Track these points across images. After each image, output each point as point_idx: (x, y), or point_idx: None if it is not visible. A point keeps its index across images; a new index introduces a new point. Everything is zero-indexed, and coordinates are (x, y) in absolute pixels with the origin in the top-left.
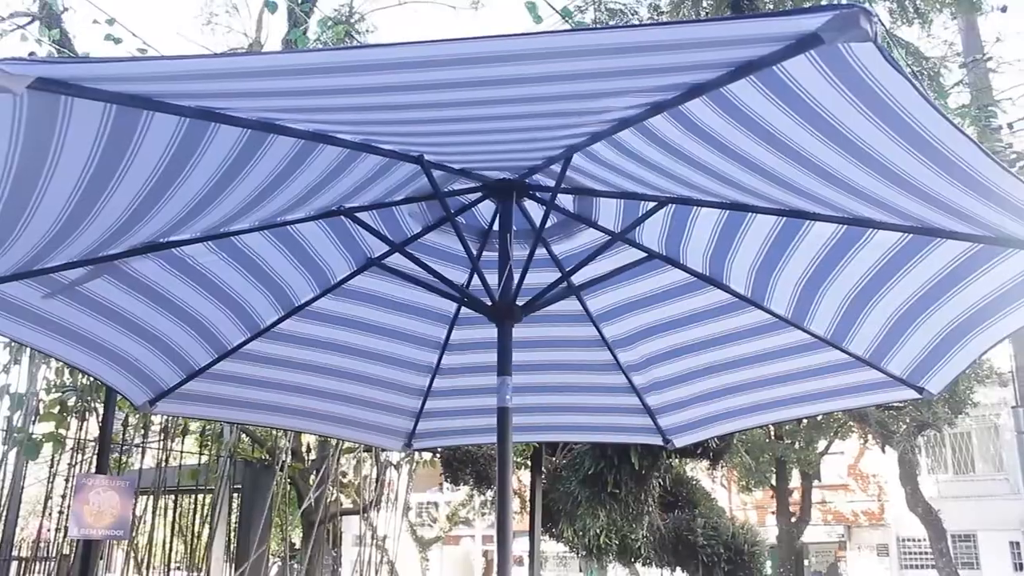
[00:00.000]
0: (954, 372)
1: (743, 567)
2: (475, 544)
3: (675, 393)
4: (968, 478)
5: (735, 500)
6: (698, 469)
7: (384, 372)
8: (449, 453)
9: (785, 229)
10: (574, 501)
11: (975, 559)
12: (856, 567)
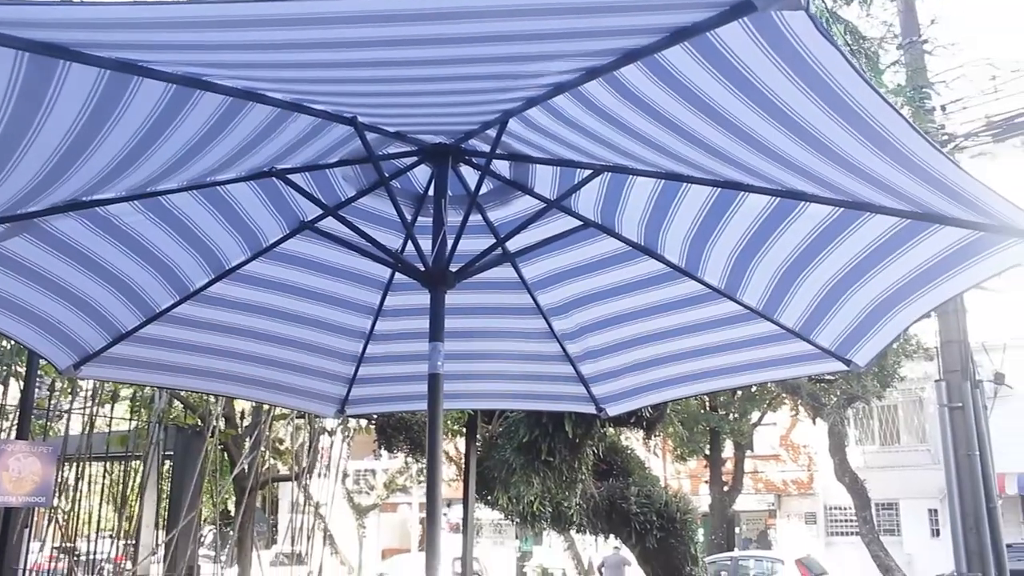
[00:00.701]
0: (880, 345)
1: (675, 534)
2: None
3: (609, 362)
4: (893, 449)
5: (670, 469)
6: (633, 438)
7: (317, 337)
8: (383, 420)
9: (719, 200)
10: (509, 469)
11: (897, 526)
12: (785, 534)
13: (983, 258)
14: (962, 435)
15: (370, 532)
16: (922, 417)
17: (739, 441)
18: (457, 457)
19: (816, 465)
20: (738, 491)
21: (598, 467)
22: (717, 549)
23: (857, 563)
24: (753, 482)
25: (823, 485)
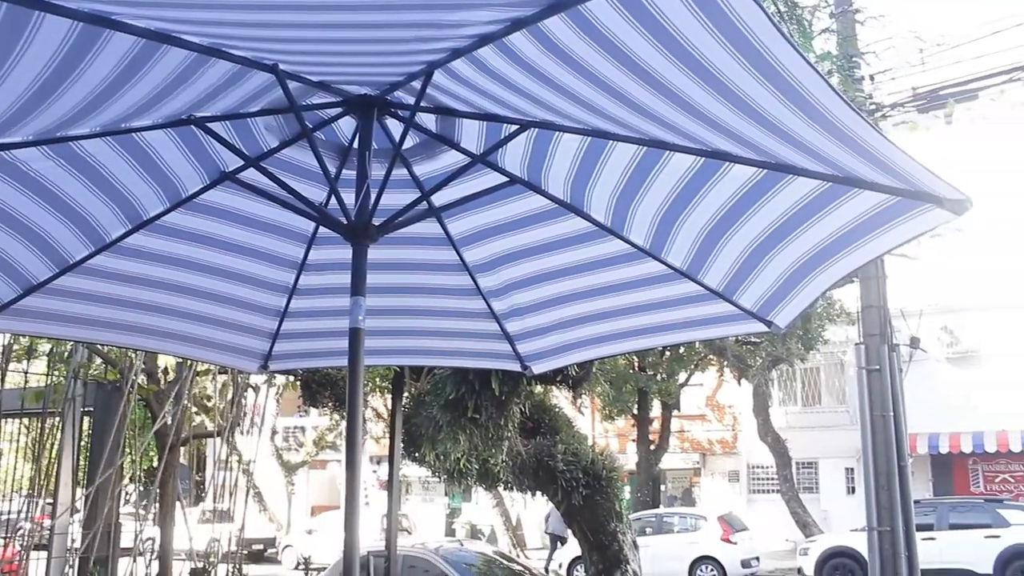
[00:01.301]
0: (800, 307)
1: (600, 492)
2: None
3: (534, 320)
4: (814, 410)
5: (598, 428)
6: (562, 397)
7: (239, 291)
8: (308, 376)
9: (644, 159)
10: (436, 426)
11: (816, 484)
12: (709, 492)
13: (899, 223)
14: (878, 397)
15: (299, 489)
16: (843, 379)
17: (666, 401)
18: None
19: (740, 425)
20: (664, 450)
21: (525, 425)
22: (643, 506)
23: (777, 519)
24: (679, 441)
25: (746, 444)
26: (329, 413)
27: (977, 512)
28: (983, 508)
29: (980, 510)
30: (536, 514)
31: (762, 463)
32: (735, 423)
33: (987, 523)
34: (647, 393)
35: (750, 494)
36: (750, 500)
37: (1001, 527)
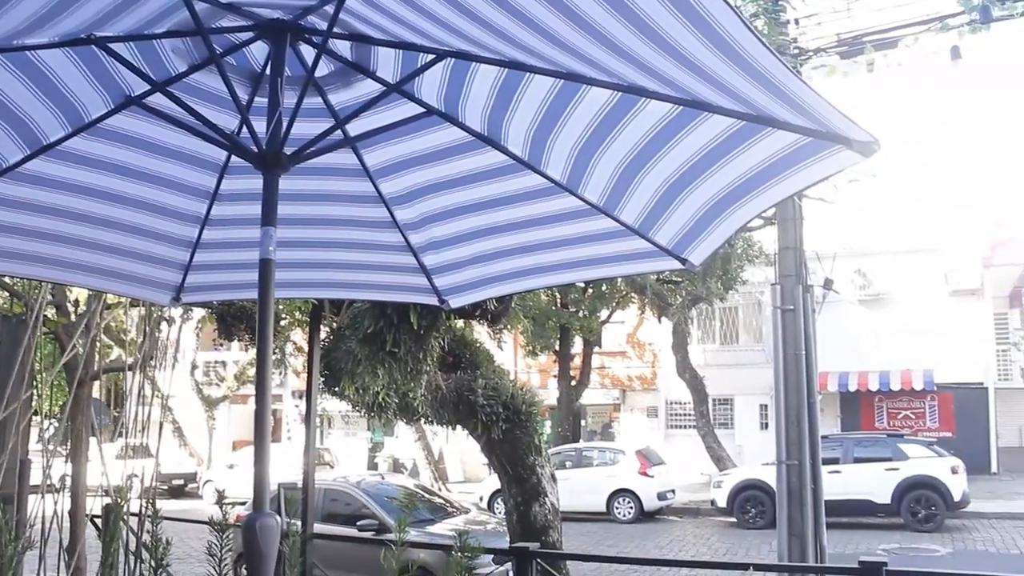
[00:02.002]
0: (714, 245)
1: (520, 426)
2: None
3: (451, 254)
4: (732, 348)
5: (520, 364)
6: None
7: (149, 221)
8: (223, 308)
9: (562, 93)
10: (355, 360)
11: (731, 420)
12: (628, 427)
13: (810, 164)
14: (791, 336)
15: (220, 424)
16: (760, 319)
17: (588, 338)
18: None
19: (659, 362)
20: (585, 385)
21: (445, 360)
22: (563, 441)
23: (693, 454)
24: (600, 377)
25: (665, 381)
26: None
27: (880, 446)
28: (885, 443)
29: (883, 445)
30: (458, 448)
31: (680, 399)
32: (654, 360)
33: (888, 457)
34: (569, 330)
35: (668, 429)
36: (668, 435)
37: (901, 460)
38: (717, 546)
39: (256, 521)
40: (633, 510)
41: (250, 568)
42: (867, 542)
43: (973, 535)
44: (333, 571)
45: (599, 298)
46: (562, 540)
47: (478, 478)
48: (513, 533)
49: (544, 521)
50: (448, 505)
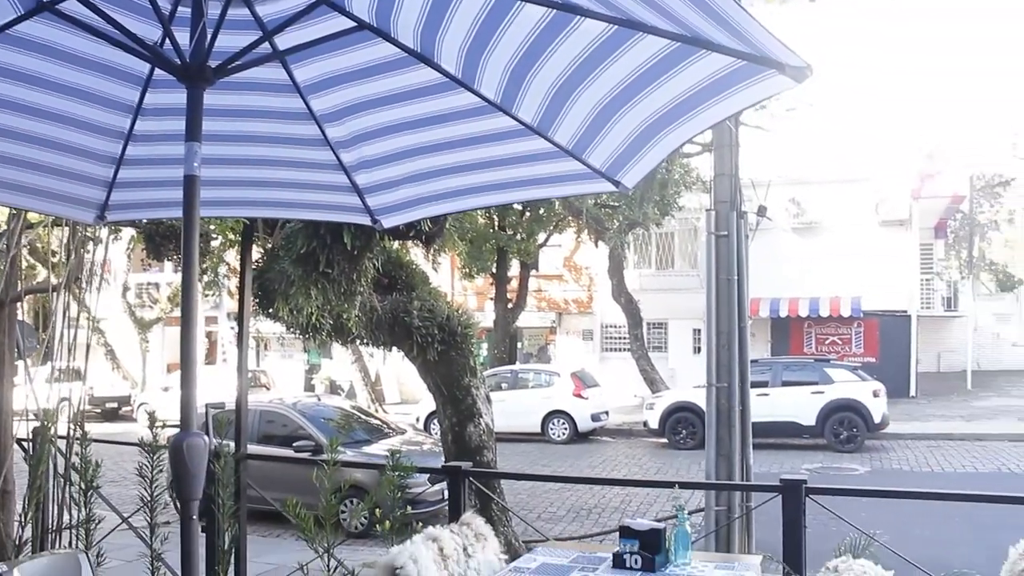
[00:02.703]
0: (647, 168)
1: (455, 347)
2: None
3: (384, 173)
4: (667, 273)
5: (457, 286)
6: (418, 254)
7: (69, 136)
8: (151, 227)
9: (495, 9)
10: (288, 281)
11: (664, 343)
12: (563, 350)
13: (743, 88)
14: (724, 261)
15: (154, 347)
16: (695, 245)
17: (525, 261)
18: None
19: (595, 286)
20: (521, 308)
21: (380, 281)
22: (499, 363)
23: (627, 376)
24: (536, 300)
25: (601, 305)
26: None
27: (807, 371)
28: (812, 367)
29: (810, 369)
30: (394, 370)
31: (615, 323)
32: (591, 284)
33: (815, 381)
34: (506, 252)
35: (603, 352)
36: (602, 358)
37: (826, 384)
38: (648, 466)
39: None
40: (567, 431)
41: (179, 487)
42: (791, 462)
43: (890, 455)
44: (270, 492)
45: (536, 221)
46: (497, 460)
47: (415, 400)
48: (448, 453)
49: (479, 441)
50: (384, 426)
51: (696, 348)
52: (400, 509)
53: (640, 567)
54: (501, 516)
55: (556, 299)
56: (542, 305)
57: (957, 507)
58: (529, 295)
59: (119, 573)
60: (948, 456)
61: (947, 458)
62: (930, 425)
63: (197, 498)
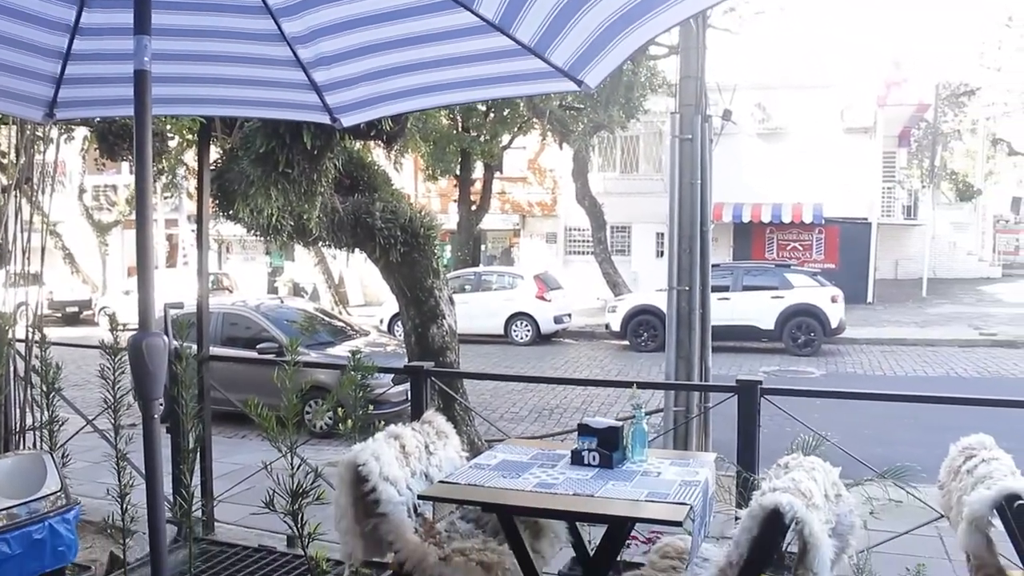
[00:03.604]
0: (610, 67)
1: (418, 249)
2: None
3: (342, 70)
4: (631, 176)
5: (420, 188)
6: (381, 155)
7: (12, 28)
8: (104, 126)
9: None
10: (248, 181)
11: (628, 247)
12: (527, 252)
13: None
14: (688, 164)
15: (114, 250)
16: (660, 148)
17: (489, 162)
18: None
19: (560, 188)
20: (485, 210)
21: (342, 182)
22: (463, 265)
23: (590, 279)
24: (500, 202)
25: (565, 207)
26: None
27: (768, 276)
28: (773, 272)
29: (770, 274)
30: (358, 272)
31: (579, 226)
32: (555, 186)
33: (775, 286)
34: (470, 154)
35: (566, 255)
36: (566, 261)
37: (786, 289)
38: (609, 367)
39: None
40: (530, 333)
41: (139, 387)
42: (750, 364)
43: (845, 359)
44: (234, 394)
45: (500, 123)
46: (459, 361)
47: (378, 302)
48: (411, 354)
49: (442, 343)
50: (348, 328)
51: (659, 252)
52: (363, 409)
53: (598, 464)
54: (464, 416)
55: (520, 202)
56: (506, 208)
57: (906, 409)
58: (493, 197)
59: (85, 474)
60: (901, 361)
61: (899, 363)
62: (885, 331)
63: (158, 398)
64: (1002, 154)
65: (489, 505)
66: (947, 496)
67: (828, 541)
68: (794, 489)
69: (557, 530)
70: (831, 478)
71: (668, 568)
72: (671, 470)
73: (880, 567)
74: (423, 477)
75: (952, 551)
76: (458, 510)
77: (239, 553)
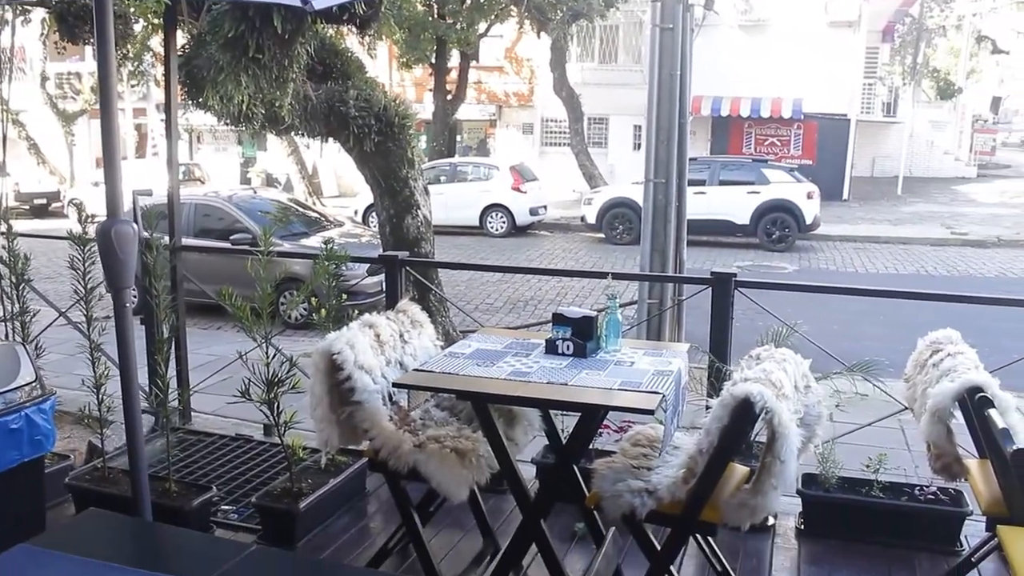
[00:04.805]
0: None
1: (393, 138)
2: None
3: None
4: (610, 67)
5: (395, 77)
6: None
7: None
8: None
9: None
10: (217, 67)
11: (605, 139)
12: (503, 143)
13: None
14: (668, 55)
15: (81, 140)
16: (639, 39)
17: (465, 51)
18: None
19: (537, 79)
20: (461, 100)
21: (315, 69)
22: (438, 156)
23: (566, 171)
24: (476, 92)
25: (542, 98)
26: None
27: (744, 171)
28: (750, 167)
29: (747, 169)
30: (332, 163)
31: (556, 117)
32: (532, 77)
33: (751, 181)
34: (445, 42)
35: (542, 147)
36: (542, 152)
37: (762, 184)
38: (584, 259)
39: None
40: (505, 224)
41: (109, 275)
42: (724, 259)
43: (818, 255)
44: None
45: (477, 9)
46: (434, 252)
47: (353, 193)
48: (386, 245)
49: (416, 233)
50: (322, 219)
51: (636, 144)
52: (336, 298)
53: (572, 353)
54: (439, 306)
55: (496, 92)
56: (482, 98)
57: (876, 306)
58: (469, 87)
59: (59, 366)
60: (873, 258)
61: (872, 260)
62: (859, 228)
63: (129, 286)
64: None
65: (463, 393)
66: (912, 389)
67: (796, 430)
68: (765, 380)
69: (531, 418)
70: (801, 370)
71: (639, 456)
72: (644, 360)
73: (844, 456)
74: (398, 366)
75: (913, 442)
76: (432, 398)
77: (216, 442)
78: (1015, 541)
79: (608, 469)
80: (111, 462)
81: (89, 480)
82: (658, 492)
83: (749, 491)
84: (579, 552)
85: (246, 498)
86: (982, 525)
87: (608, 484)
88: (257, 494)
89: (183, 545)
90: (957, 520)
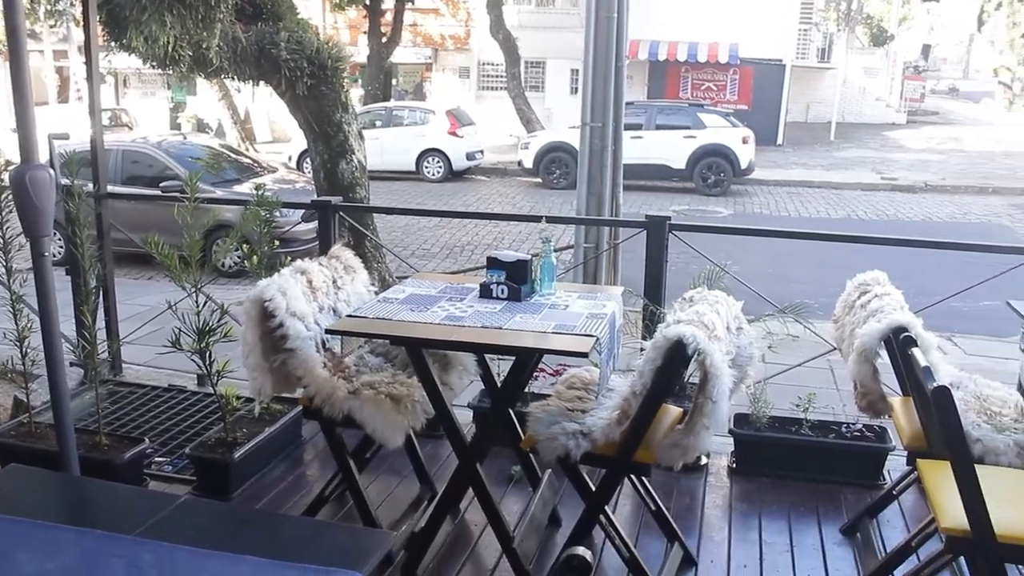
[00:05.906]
0: None
1: (326, 82)
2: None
3: None
4: (547, 10)
5: (328, 19)
6: None
7: None
8: None
9: None
10: (140, 6)
11: (542, 83)
12: (439, 87)
13: None
14: None
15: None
16: None
17: None
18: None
19: (473, 21)
20: (396, 43)
21: (244, 10)
22: (373, 100)
23: (503, 115)
24: (412, 35)
25: (478, 41)
26: None
27: (681, 115)
28: (686, 112)
29: (684, 114)
30: (264, 108)
31: (492, 60)
32: (468, 19)
33: (688, 125)
34: None
35: (479, 91)
36: (479, 96)
37: (699, 129)
38: (521, 204)
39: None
40: (442, 169)
41: (25, 223)
42: (660, 203)
43: (753, 199)
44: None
45: None
46: (370, 198)
47: (286, 139)
48: (320, 191)
49: (351, 179)
50: (255, 165)
51: (573, 89)
52: (268, 245)
53: (506, 296)
54: (374, 252)
55: (432, 35)
56: (418, 41)
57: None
58: (404, 30)
59: None
60: (806, 202)
61: (804, 204)
62: (792, 173)
63: (47, 235)
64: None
65: (397, 338)
66: (841, 329)
67: (728, 371)
68: (697, 321)
69: (466, 363)
70: (733, 311)
71: (574, 399)
72: (579, 303)
73: (774, 396)
74: (331, 312)
75: (841, 381)
76: (366, 344)
77: (148, 393)
78: (932, 473)
79: (543, 412)
80: (38, 417)
81: (14, 436)
82: (593, 434)
83: (682, 431)
84: (516, 495)
85: (180, 449)
86: (904, 460)
87: (543, 427)
88: (191, 445)
89: (111, 498)
90: (881, 455)
